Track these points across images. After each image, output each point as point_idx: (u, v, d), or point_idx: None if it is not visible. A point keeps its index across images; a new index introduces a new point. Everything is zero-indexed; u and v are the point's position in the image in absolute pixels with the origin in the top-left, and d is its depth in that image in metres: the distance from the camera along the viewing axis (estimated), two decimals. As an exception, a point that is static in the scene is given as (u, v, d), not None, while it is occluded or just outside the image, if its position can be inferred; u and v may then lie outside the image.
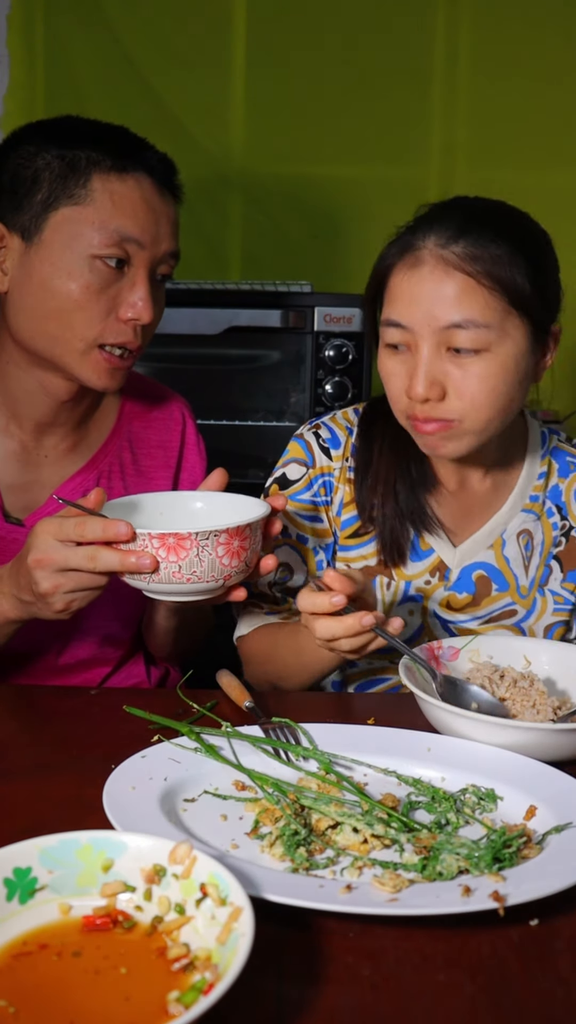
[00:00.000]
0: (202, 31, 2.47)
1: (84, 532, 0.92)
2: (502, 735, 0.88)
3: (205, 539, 0.92)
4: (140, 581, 0.94)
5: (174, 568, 0.92)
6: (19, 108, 2.47)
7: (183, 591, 0.95)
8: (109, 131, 1.15)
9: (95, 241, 1.08)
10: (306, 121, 2.52)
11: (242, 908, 0.58)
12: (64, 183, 1.08)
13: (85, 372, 1.13)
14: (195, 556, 0.92)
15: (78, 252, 1.08)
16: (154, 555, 0.91)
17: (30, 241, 1.10)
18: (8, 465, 1.20)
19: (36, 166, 1.10)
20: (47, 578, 0.94)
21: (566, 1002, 0.60)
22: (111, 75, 2.47)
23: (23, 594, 0.99)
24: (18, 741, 0.96)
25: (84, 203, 1.08)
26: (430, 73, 2.52)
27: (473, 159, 2.55)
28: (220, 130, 2.51)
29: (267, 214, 2.54)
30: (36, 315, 1.11)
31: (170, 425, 1.33)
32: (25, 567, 0.96)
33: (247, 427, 2.31)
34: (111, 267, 1.09)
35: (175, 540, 0.91)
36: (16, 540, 1.17)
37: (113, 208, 1.09)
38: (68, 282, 1.09)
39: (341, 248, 2.57)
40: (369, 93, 2.51)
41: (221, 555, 0.93)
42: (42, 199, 1.09)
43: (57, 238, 1.09)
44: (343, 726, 0.94)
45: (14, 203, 1.10)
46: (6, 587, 1.02)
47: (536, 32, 2.50)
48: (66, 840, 0.64)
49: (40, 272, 1.10)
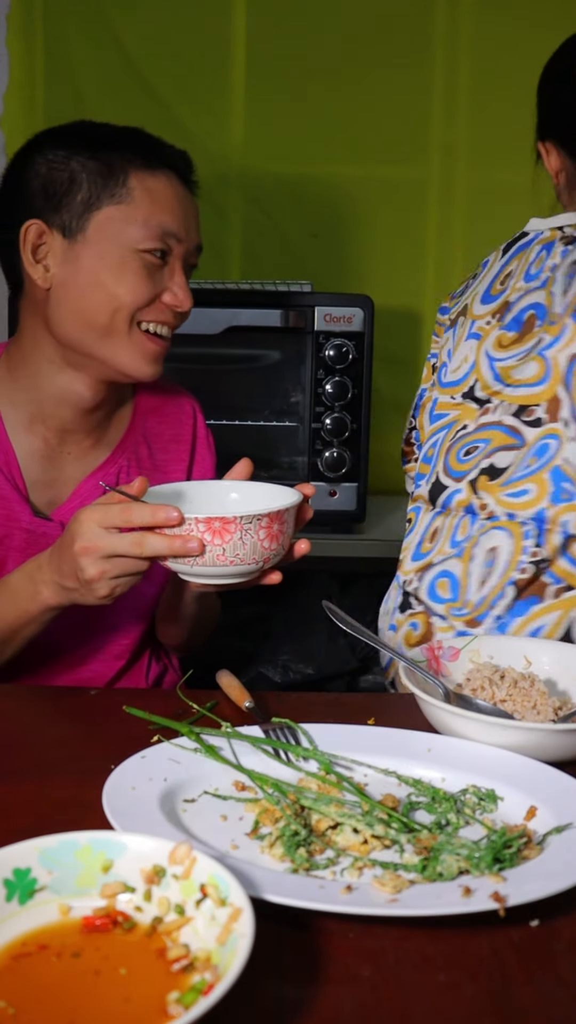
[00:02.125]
0: (202, 31, 2.47)
1: (131, 518, 0.95)
2: (503, 735, 0.88)
3: (248, 523, 0.95)
4: (183, 565, 0.97)
5: (218, 551, 0.95)
6: (19, 108, 2.47)
7: (225, 574, 0.98)
8: (130, 132, 1.21)
9: (140, 236, 1.16)
10: (306, 121, 2.52)
11: (242, 909, 0.58)
12: (104, 183, 1.15)
13: (129, 359, 1.19)
14: (239, 539, 0.95)
15: (125, 247, 1.16)
16: (200, 539, 0.94)
17: (73, 239, 1.16)
18: (33, 462, 1.23)
19: (71, 168, 1.15)
20: (93, 564, 0.97)
21: (566, 1002, 0.60)
22: (111, 75, 2.46)
23: (66, 581, 1.01)
24: (18, 741, 0.96)
25: (126, 201, 1.16)
26: (430, 73, 2.52)
27: (473, 159, 2.55)
28: (220, 130, 2.51)
29: (267, 214, 2.54)
30: (83, 309, 1.16)
31: (182, 420, 1.38)
32: (70, 554, 0.98)
33: (247, 427, 2.31)
34: (156, 259, 1.17)
35: (220, 524, 0.94)
36: (45, 534, 1.20)
37: (152, 204, 1.16)
38: (117, 275, 1.15)
39: (341, 248, 2.57)
40: (369, 93, 2.51)
41: (262, 538, 0.96)
42: (83, 199, 1.15)
43: (103, 235, 1.15)
44: (343, 726, 0.94)
45: (51, 204, 1.15)
46: (47, 575, 1.05)
47: (537, 32, 2.50)
48: (66, 841, 0.64)
49: (87, 268, 1.15)
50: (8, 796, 0.82)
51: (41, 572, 1.06)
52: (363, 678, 2.14)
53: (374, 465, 2.26)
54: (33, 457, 1.23)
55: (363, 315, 2.07)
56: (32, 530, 1.21)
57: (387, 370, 2.52)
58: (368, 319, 2.07)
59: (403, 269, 2.59)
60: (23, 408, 1.23)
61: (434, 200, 2.56)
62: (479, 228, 2.57)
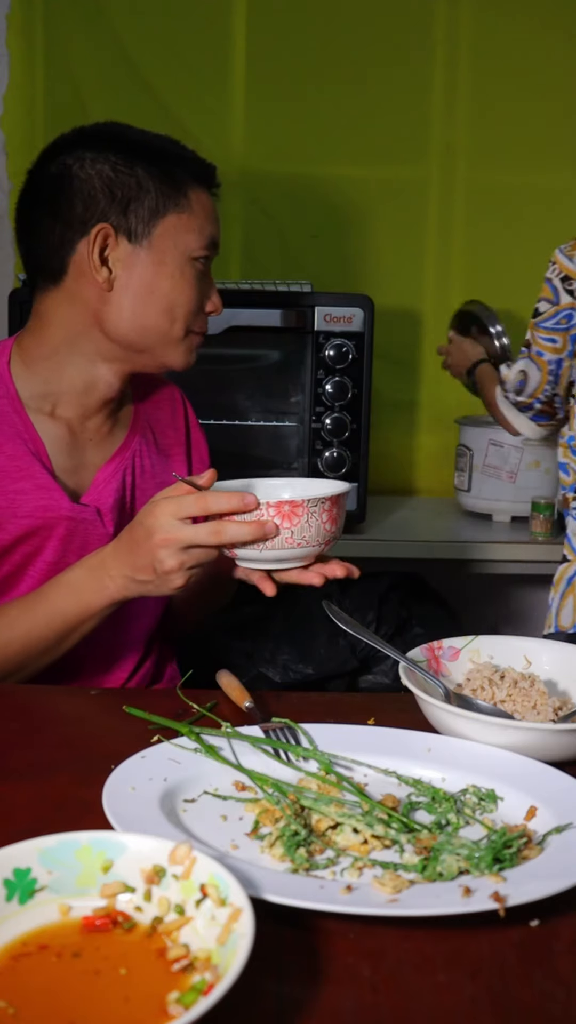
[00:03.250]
0: (202, 31, 2.47)
1: (208, 506, 0.99)
2: (503, 735, 0.88)
3: (314, 506, 1.02)
4: (252, 550, 1.02)
5: (287, 534, 1.01)
6: (19, 108, 2.47)
7: (290, 557, 1.04)
8: (174, 142, 1.28)
9: (196, 244, 1.22)
10: (306, 121, 2.52)
11: (242, 909, 0.58)
12: (168, 191, 1.21)
13: (177, 356, 1.26)
14: (305, 522, 1.01)
15: (183, 254, 1.22)
16: (274, 522, 1.00)
17: (138, 244, 1.20)
18: (59, 450, 1.25)
19: (137, 175, 1.20)
20: (173, 556, 1.01)
21: (566, 1002, 0.60)
22: (111, 75, 2.46)
23: (140, 574, 1.05)
24: (18, 741, 0.96)
25: (186, 211, 1.22)
26: (430, 73, 2.52)
27: (473, 159, 2.55)
28: (220, 130, 2.51)
29: (267, 214, 2.54)
30: (142, 311, 1.21)
31: (174, 406, 1.42)
32: (146, 547, 1.02)
33: (247, 427, 2.31)
34: (203, 267, 1.25)
35: (290, 507, 1.00)
36: (84, 520, 1.22)
37: (205, 216, 1.24)
38: (176, 282, 1.22)
39: (341, 248, 2.57)
40: (369, 93, 2.51)
41: (324, 521, 1.03)
42: (150, 206, 1.20)
43: (166, 242, 1.21)
44: (343, 726, 0.94)
45: (118, 207, 1.19)
46: (113, 569, 1.07)
47: (537, 32, 2.51)
48: (66, 840, 0.64)
49: (147, 272, 1.21)
50: (8, 796, 0.82)
51: (106, 567, 1.08)
52: (363, 678, 2.14)
53: (374, 465, 2.27)
54: (59, 445, 1.25)
55: (363, 315, 2.07)
56: (73, 516, 1.22)
57: (387, 370, 2.52)
58: (368, 319, 2.07)
59: (403, 269, 2.59)
60: (45, 398, 1.25)
61: (434, 200, 2.57)
62: (479, 228, 2.57)
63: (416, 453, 2.66)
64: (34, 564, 1.21)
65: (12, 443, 1.20)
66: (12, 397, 1.22)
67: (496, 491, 2.33)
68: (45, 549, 1.21)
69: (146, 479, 1.32)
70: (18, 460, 1.20)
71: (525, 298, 2.55)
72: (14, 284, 2.35)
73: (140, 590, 1.07)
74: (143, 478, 1.32)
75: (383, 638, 1.38)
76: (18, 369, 1.24)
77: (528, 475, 2.31)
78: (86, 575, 1.10)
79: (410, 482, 2.67)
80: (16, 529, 1.19)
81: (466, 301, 2.44)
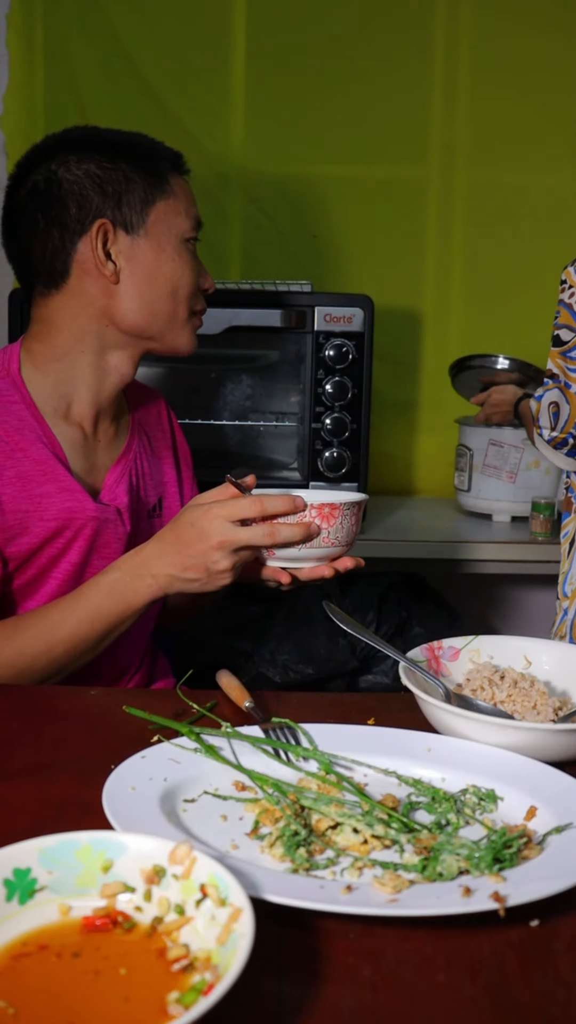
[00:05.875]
0: (202, 31, 2.47)
1: (266, 508, 1.06)
2: (503, 735, 0.88)
3: (348, 508, 1.09)
4: (292, 549, 1.08)
5: (324, 534, 1.08)
6: (19, 108, 2.47)
7: (323, 556, 1.11)
8: (145, 137, 1.30)
9: (186, 226, 1.27)
10: (306, 121, 2.52)
11: (242, 909, 0.58)
12: (154, 180, 1.25)
13: (182, 339, 1.30)
14: (339, 523, 1.08)
15: (177, 237, 1.27)
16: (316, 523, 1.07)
17: (136, 234, 1.24)
18: (76, 451, 1.27)
19: (123, 170, 1.23)
20: (227, 557, 1.07)
21: (566, 1002, 0.59)
22: (111, 75, 2.46)
23: (191, 572, 1.10)
24: (18, 741, 0.96)
25: (172, 197, 1.26)
26: (430, 73, 2.52)
27: (473, 159, 2.55)
28: (220, 130, 2.51)
29: (267, 214, 2.54)
30: (149, 297, 1.25)
31: (159, 410, 1.46)
32: (200, 548, 1.08)
33: (247, 427, 2.31)
34: (192, 247, 1.29)
35: (329, 509, 1.08)
36: (107, 520, 1.25)
37: (187, 199, 1.29)
38: (174, 264, 1.26)
39: (341, 248, 2.57)
40: (369, 93, 2.51)
41: (352, 523, 1.10)
42: (140, 197, 1.24)
43: (160, 228, 1.25)
44: (343, 726, 0.94)
45: (111, 202, 1.23)
46: (157, 568, 1.11)
47: (537, 32, 2.51)
48: (66, 840, 0.64)
49: (148, 259, 1.25)
50: (8, 796, 0.82)
51: (148, 566, 1.12)
52: (363, 678, 2.14)
53: (374, 465, 2.27)
54: (75, 447, 1.27)
55: (363, 315, 2.07)
56: (98, 516, 1.24)
57: (387, 370, 2.53)
58: (368, 319, 2.07)
59: (403, 269, 2.59)
60: (60, 400, 1.26)
61: (434, 200, 2.57)
62: (479, 228, 2.57)
63: (416, 453, 2.66)
64: (59, 565, 1.23)
65: (35, 447, 1.21)
66: (28, 402, 1.23)
67: (496, 491, 2.34)
68: (71, 550, 1.23)
69: (145, 479, 1.35)
70: (41, 463, 1.21)
71: (525, 298, 2.55)
72: (14, 284, 2.34)
73: (183, 587, 1.12)
74: (143, 478, 1.35)
75: (383, 638, 1.38)
76: (30, 374, 1.25)
77: (528, 475, 2.31)
78: (126, 576, 1.13)
79: (410, 482, 2.67)
80: (43, 531, 1.21)
81: (452, 363, 2.42)
